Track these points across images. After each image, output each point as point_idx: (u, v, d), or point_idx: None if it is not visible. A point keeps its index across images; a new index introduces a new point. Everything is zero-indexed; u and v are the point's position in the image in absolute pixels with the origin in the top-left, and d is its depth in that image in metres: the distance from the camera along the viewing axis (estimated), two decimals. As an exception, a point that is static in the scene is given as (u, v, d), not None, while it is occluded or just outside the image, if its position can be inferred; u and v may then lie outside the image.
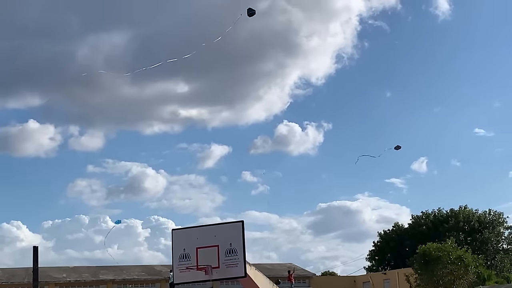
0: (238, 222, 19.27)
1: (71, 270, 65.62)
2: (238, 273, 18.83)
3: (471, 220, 77.59)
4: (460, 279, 43.92)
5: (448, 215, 78.86)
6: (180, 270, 19.31)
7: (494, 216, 79.25)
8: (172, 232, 19.84)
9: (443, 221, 77.58)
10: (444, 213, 79.66)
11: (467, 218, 77.75)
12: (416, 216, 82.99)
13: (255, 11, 22.82)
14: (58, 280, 61.87)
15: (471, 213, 78.85)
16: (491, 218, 78.98)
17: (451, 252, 44.79)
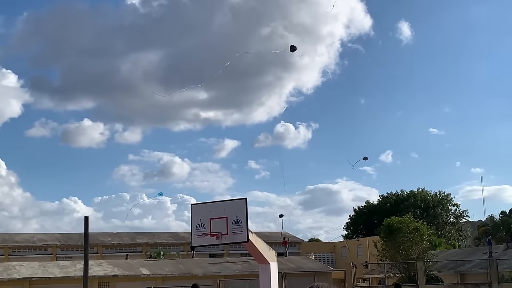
0: (243, 199, 19.28)
1: (115, 235, 65.69)
2: (242, 239, 18.83)
3: (426, 199, 77.69)
4: (416, 245, 43.85)
5: (408, 195, 78.88)
6: (197, 236, 19.29)
7: (443, 196, 79.32)
8: (191, 207, 19.84)
9: (403, 200, 77.64)
10: (405, 194, 79.66)
11: (423, 198, 77.84)
12: (383, 196, 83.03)
13: (296, 48, 22.74)
14: (104, 243, 62.04)
15: (426, 194, 78.93)
16: (441, 198, 79.06)
17: (409, 224, 44.73)
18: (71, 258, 54.81)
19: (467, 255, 49.99)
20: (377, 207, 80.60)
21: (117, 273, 44.35)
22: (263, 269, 21.30)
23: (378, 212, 76.32)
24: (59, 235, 63.88)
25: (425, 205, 76.83)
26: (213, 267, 47.62)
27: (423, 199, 77.62)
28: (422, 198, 77.86)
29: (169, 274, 45.01)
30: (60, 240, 61.73)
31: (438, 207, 77.02)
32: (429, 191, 79.62)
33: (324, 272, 48.13)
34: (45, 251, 60.09)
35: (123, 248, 62.31)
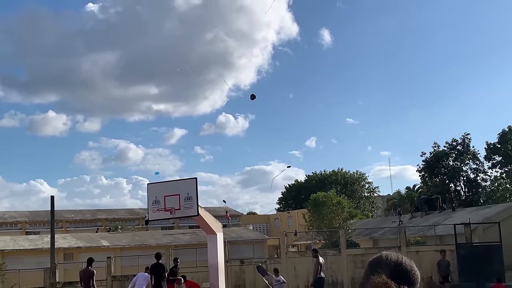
0: (193, 178, 19.11)
1: (77, 212, 64.29)
2: (193, 213, 18.66)
3: (345, 177, 79.10)
4: (338, 216, 44.62)
5: (330, 174, 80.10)
6: (153, 211, 19.00)
7: (359, 175, 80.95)
8: (147, 186, 19.52)
9: (326, 178, 78.80)
10: (327, 173, 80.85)
11: (343, 176, 79.21)
12: (308, 176, 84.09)
13: (255, 96, 22.45)
14: (68, 219, 60.58)
15: (345, 173, 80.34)
16: (357, 176, 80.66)
17: (333, 198, 45.45)
18: (39, 233, 53.22)
19: (379, 224, 51.27)
20: (304, 184, 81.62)
21: (80, 245, 43.40)
22: (211, 239, 21.21)
23: (305, 189, 77.32)
24: (28, 213, 61.93)
25: (345, 182, 78.36)
26: (165, 238, 47.20)
27: (343, 177, 79.08)
28: (342, 176, 79.29)
29: (126, 245, 44.35)
30: (29, 217, 59.87)
31: (355, 184, 78.67)
32: (347, 171, 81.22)
33: (261, 240, 48.47)
34: (16, 227, 58.21)
35: (85, 223, 61.10)
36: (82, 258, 40.66)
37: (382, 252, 2.30)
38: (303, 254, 30.97)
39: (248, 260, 33.06)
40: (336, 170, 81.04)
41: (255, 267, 21.96)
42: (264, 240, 49.60)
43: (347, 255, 30.93)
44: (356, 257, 31.00)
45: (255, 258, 34.14)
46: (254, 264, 32.46)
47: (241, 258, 33.56)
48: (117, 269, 37.71)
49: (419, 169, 64.80)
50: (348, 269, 30.80)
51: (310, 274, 29.96)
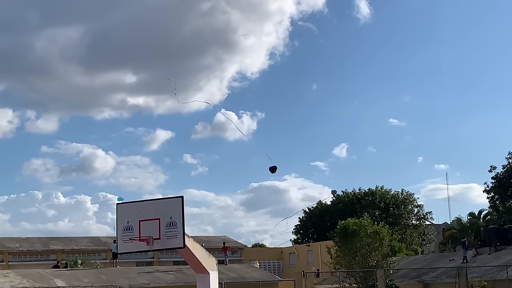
0: (178, 197, 18.91)
1: (24, 241, 64.31)
2: (177, 244, 18.47)
3: (385, 198, 78.79)
4: (375, 251, 44.34)
5: (366, 193, 79.81)
6: (124, 241, 18.83)
7: (405, 196, 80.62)
8: (116, 206, 19.35)
9: (360, 199, 78.53)
10: (362, 192, 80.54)
11: (382, 197, 78.91)
12: (337, 196, 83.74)
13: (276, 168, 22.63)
14: (11, 249, 60.58)
15: (385, 192, 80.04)
16: (403, 197, 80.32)
17: (368, 227, 45.17)
18: (-30, 268, 53.29)
19: (431, 262, 50.92)
20: (330, 207, 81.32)
21: (27, 285, 43.23)
22: (201, 279, 21.03)
23: (331, 213, 77.11)
24: (-44, 241, 62.04)
25: (385, 206, 77.97)
26: (141, 278, 47.02)
27: (383, 199, 78.68)
28: (381, 197, 78.92)
29: (88, 286, 44.18)
30: (-43, 246, 59.95)
31: (399, 208, 78.23)
32: (389, 190, 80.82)
33: (271, 282, 48.24)
34: None
35: (34, 256, 61.10)
36: (28, 303, 40.59)
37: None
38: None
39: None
40: (373, 189, 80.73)
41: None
42: (274, 282, 49.37)
43: (388, 304, 30.66)
44: (400, 307, 30.73)
45: (263, 306, 33.90)
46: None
47: (243, 307, 33.41)
48: (75, 319, 37.61)
49: (487, 189, 64.52)
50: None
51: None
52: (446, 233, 77.21)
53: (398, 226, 73.72)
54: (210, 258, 21.61)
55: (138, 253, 34.00)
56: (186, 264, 36.85)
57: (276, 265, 70.98)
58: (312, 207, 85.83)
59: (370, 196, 78.91)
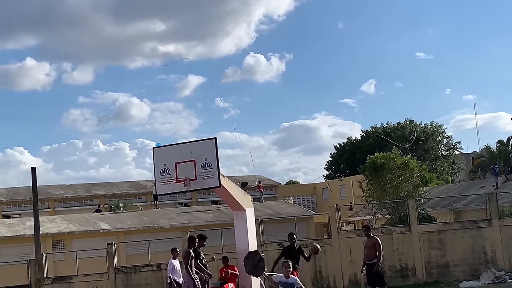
0: (212, 138, 19.02)
1: (68, 188, 65.53)
2: (213, 184, 18.63)
3: (415, 131, 78.32)
4: (405, 182, 44.32)
5: (395, 127, 79.44)
6: (162, 183, 19.07)
7: (435, 128, 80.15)
8: (153, 150, 19.54)
9: (390, 133, 78.17)
10: (391, 126, 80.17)
11: (411, 130, 78.47)
12: (366, 131, 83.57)
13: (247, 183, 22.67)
14: (56, 196, 61.80)
15: (415, 125, 79.58)
16: (432, 129, 79.86)
17: (396, 159, 45.07)
18: (19, 215, 54.56)
19: (462, 190, 50.88)
20: (360, 143, 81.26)
21: (73, 229, 44.30)
22: (238, 216, 21.30)
23: (361, 149, 77.06)
24: (4, 190, 63.33)
25: (415, 138, 77.57)
26: (180, 218, 47.82)
27: (412, 132, 78.28)
28: (410, 130, 78.52)
29: (131, 228, 45.10)
30: (6, 195, 61.23)
31: (429, 140, 77.87)
32: (418, 123, 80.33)
33: (305, 216, 48.69)
34: (-11, 209, 59.69)
35: (78, 202, 62.25)
36: (76, 245, 41.61)
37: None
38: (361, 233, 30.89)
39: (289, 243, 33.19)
40: (402, 123, 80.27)
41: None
42: (309, 216, 49.84)
43: (420, 232, 30.79)
44: (432, 235, 30.83)
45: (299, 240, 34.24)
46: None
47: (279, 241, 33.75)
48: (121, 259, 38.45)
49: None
50: (421, 251, 30.70)
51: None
52: (475, 161, 76.93)
53: (428, 157, 73.47)
54: (246, 196, 21.84)
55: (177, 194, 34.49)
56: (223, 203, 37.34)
57: (310, 200, 71.48)
58: (343, 143, 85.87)
59: (399, 130, 78.55)
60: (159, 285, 31.91)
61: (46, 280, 32.61)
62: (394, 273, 30.73)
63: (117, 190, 64.96)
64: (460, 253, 30.53)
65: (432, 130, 79.74)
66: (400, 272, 30.87)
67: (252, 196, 23.55)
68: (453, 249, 30.56)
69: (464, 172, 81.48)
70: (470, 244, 30.57)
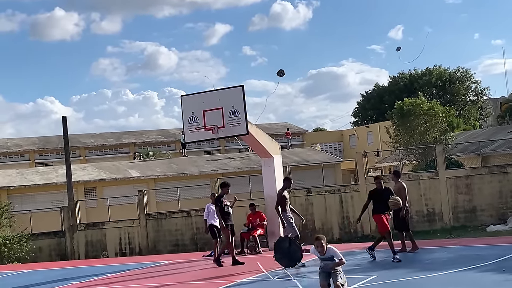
0: (239, 86, 18.96)
1: (98, 136, 66.05)
2: (241, 131, 18.67)
3: (442, 77, 77.38)
4: (432, 128, 44.01)
5: (423, 73, 78.48)
6: (190, 131, 19.12)
7: (462, 73, 79.05)
8: (181, 98, 19.55)
9: (417, 79, 77.33)
10: (419, 72, 79.21)
11: (439, 76, 77.51)
12: (393, 77, 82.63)
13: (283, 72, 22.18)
14: (87, 145, 62.35)
15: (443, 71, 78.54)
16: (460, 74, 78.79)
17: (423, 105, 44.67)
18: (51, 164, 55.33)
19: (490, 135, 50.41)
20: (388, 89, 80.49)
21: (104, 177, 44.86)
22: (266, 163, 21.38)
23: (389, 95, 76.35)
24: (36, 139, 64.10)
25: (442, 84, 76.74)
26: (209, 165, 48.14)
27: (440, 77, 77.35)
28: (438, 76, 77.56)
29: (161, 175, 45.56)
30: (38, 144, 62.01)
31: (456, 85, 76.90)
32: (446, 68, 79.27)
33: (332, 163, 48.77)
34: (22, 157, 60.45)
35: (108, 150, 62.82)
36: (106, 193, 42.27)
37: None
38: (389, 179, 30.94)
39: (317, 189, 33.41)
40: (430, 68, 79.24)
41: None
42: (336, 163, 49.90)
43: (447, 178, 30.77)
44: (459, 180, 30.81)
45: (326, 186, 34.45)
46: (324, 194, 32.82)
47: (307, 187, 33.94)
48: (152, 205, 39.06)
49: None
50: (448, 196, 30.73)
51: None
52: (504, 106, 75.83)
53: (456, 103, 72.67)
54: (273, 143, 21.87)
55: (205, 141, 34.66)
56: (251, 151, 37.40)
57: (337, 147, 71.38)
58: (370, 90, 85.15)
59: (427, 75, 77.61)
60: (189, 231, 32.41)
61: (79, 227, 33.30)
62: (421, 218, 30.83)
63: (146, 138, 65.38)
64: (487, 197, 30.47)
65: (460, 76, 78.66)
66: (427, 217, 30.96)
67: (279, 143, 23.60)
68: (480, 194, 30.51)
69: (492, 118, 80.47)
70: (497, 189, 30.48)
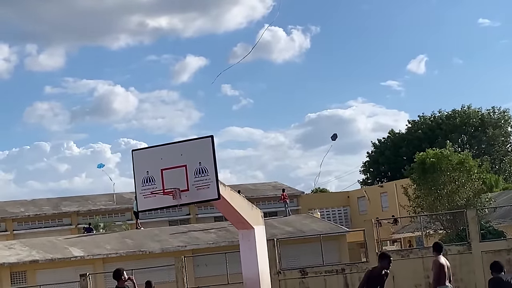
0: (207, 137, 18.95)
1: (30, 204, 65.41)
2: (210, 195, 18.58)
3: (475, 119, 77.28)
4: (463, 187, 44.05)
5: (449, 116, 78.62)
6: (144, 195, 19.01)
7: (499, 115, 79.04)
8: (132, 153, 19.50)
9: (441, 123, 77.44)
10: (444, 115, 79.43)
11: (470, 118, 77.39)
12: (413, 122, 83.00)
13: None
14: (15, 215, 61.69)
15: (474, 112, 78.52)
16: (497, 117, 78.87)
17: (451, 157, 44.78)
18: (-32, 240, 54.68)
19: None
20: (406, 137, 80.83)
21: (37, 257, 44.28)
22: (245, 236, 21.25)
23: (406, 145, 76.66)
24: None
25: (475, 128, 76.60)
26: (175, 240, 47.76)
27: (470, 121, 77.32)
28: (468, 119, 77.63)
29: (112, 254, 45.06)
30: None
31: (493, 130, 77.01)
32: (477, 109, 79.35)
33: (335, 234, 48.47)
34: None
35: (43, 221, 62.18)
36: (40, 278, 41.65)
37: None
38: (408, 254, 30.70)
39: (315, 269, 33.03)
40: (459, 110, 79.61)
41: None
42: (340, 234, 49.61)
43: (483, 252, 30.55)
44: (499, 254, 30.56)
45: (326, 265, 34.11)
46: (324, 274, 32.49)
47: (302, 266, 33.59)
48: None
49: None
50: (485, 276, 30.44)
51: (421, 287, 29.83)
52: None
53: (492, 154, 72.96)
54: (254, 210, 21.76)
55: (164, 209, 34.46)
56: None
57: (342, 213, 71.18)
58: (384, 139, 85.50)
59: (455, 118, 77.73)
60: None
61: (2, 324, 32.73)
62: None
63: (93, 205, 64.87)
64: (535, 277, 30.30)
65: (496, 119, 78.83)
66: (458, 304, 30.68)
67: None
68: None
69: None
70: (548, 266, 30.35)
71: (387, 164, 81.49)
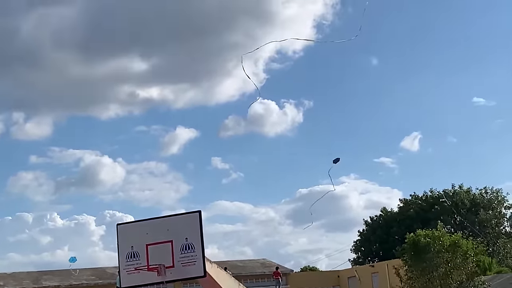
0: (195, 212, 18.90)
1: (9, 277, 64.88)
2: (196, 273, 18.45)
3: (468, 200, 77.40)
4: (457, 269, 43.88)
5: (440, 196, 78.74)
6: (128, 272, 18.89)
7: (493, 195, 79.13)
8: (117, 228, 19.41)
9: (433, 204, 77.53)
10: (436, 195, 79.58)
11: (463, 198, 77.50)
12: (405, 200, 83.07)
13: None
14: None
15: (467, 192, 78.61)
16: (490, 197, 78.93)
17: (443, 238, 44.70)
18: None
19: (532, 280, 50.27)
20: (398, 215, 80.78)
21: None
22: (231, 317, 21.01)
23: (399, 223, 76.54)
24: None
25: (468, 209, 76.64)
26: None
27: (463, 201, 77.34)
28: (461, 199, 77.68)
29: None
30: None
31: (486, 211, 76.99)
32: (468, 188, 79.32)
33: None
34: None
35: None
36: None
37: None
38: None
39: None
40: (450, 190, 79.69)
41: None
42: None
43: None
44: None
45: None
46: None
47: None
48: None
49: None
50: None
51: None
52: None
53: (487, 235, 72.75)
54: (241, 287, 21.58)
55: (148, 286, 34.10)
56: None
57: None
58: (376, 217, 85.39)
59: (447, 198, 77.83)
60: None
61: None
62: None
63: (76, 280, 64.37)
64: None
65: (488, 199, 78.88)
66: None
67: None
68: None
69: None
70: None
71: (379, 243, 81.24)
